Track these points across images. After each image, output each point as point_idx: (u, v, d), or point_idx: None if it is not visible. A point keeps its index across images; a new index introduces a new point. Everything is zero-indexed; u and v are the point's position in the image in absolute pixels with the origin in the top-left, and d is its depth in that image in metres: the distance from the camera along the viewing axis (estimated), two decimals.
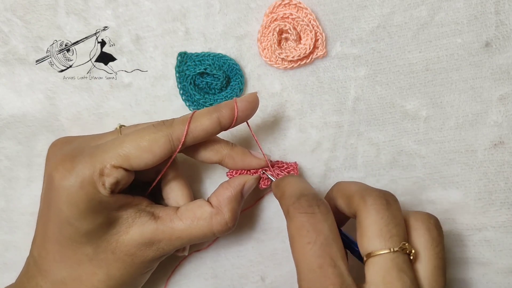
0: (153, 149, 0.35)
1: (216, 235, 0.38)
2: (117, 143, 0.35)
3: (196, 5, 0.45)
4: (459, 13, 0.43)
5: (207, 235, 0.38)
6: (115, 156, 0.34)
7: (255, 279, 0.45)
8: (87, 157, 0.34)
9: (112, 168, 0.34)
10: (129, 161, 0.35)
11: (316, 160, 0.45)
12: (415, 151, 0.44)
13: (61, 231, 0.35)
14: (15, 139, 0.45)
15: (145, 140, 0.35)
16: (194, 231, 0.37)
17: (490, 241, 0.43)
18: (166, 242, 0.37)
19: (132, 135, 0.35)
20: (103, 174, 0.34)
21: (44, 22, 0.45)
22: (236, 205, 0.39)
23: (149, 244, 0.37)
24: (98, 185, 0.34)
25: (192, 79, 0.44)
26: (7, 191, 0.46)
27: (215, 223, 0.37)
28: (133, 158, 0.35)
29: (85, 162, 0.34)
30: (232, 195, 0.39)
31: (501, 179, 0.43)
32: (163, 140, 0.35)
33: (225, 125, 0.37)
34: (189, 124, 0.36)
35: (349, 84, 0.45)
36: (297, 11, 0.44)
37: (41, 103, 0.45)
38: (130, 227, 0.36)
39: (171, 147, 0.36)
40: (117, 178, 0.35)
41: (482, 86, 0.44)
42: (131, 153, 0.35)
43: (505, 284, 0.43)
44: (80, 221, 0.34)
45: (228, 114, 0.37)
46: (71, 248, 0.36)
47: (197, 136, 0.37)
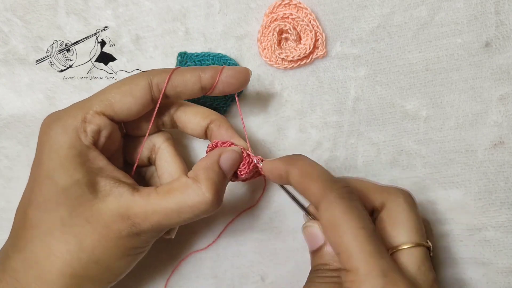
0: (134, 92, 0.36)
1: (196, 211, 0.35)
2: (100, 92, 0.36)
3: (196, 5, 0.45)
4: (459, 13, 0.43)
5: (183, 208, 0.35)
6: (97, 102, 0.35)
7: (255, 279, 0.45)
8: (71, 108, 0.36)
9: (95, 114, 0.35)
10: (111, 107, 0.35)
11: (316, 160, 0.44)
12: (415, 151, 0.44)
13: (41, 189, 0.34)
14: (15, 139, 0.45)
15: (124, 84, 0.36)
16: (169, 204, 0.34)
17: (490, 241, 0.43)
18: (141, 216, 0.34)
19: (114, 83, 0.37)
20: (85, 120, 0.35)
21: (44, 22, 0.45)
22: (214, 175, 0.36)
23: (125, 217, 0.34)
24: (80, 132, 0.34)
25: None
26: (7, 191, 0.46)
27: (192, 194, 0.34)
28: (115, 103, 0.35)
29: (69, 111, 0.36)
30: (208, 165, 0.36)
31: (501, 179, 0.43)
32: (143, 82, 0.36)
33: (206, 84, 0.37)
34: (171, 74, 0.36)
35: (349, 84, 0.45)
36: (297, 11, 0.44)
37: (41, 103, 0.45)
38: (107, 195, 0.35)
39: (151, 92, 0.36)
40: (99, 126, 0.35)
41: (482, 86, 0.44)
42: (112, 97, 0.35)
43: (505, 284, 0.43)
44: (59, 173, 0.34)
45: (210, 75, 0.37)
46: (47, 210, 0.34)
47: (177, 86, 0.37)
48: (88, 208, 0.34)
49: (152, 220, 0.35)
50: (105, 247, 0.34)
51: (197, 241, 0.45)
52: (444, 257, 0.44)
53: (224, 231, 0.45)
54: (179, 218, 0.35)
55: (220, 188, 0.36)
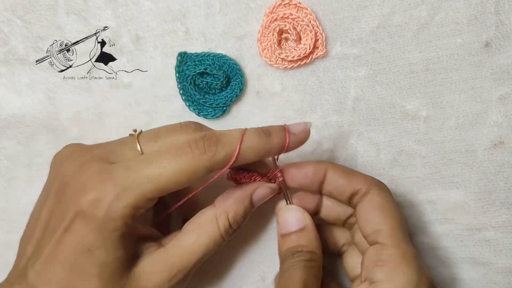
0: (191, 181, 0.32)
1: (225, 238, 0.35)
2: (154, 175, 0.31)
3: (196, 5, 0.45)
4: (459, 13, 0.43)
5: (217, 239, 0.34)
6: (152, 190, 0.31)
7: (255, 279, 0.45)
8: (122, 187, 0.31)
9: (147, 201, 0.32)
10: (165, 192, 0.32)
11: (316, 160, 0.45)
12: (415, 151, 0.44)
13: (78, 258, 0.31)
14: (15, 139, 0.45)
15: (184, 174, 0.31)
16: (203, 240, 0.34)
17: (490, 241, 0.43)
18: (178, 264, 0.33)
19: (170, 164, 0.31)
20: (137, 207, 0.31)
21: (44, 22, 0.45)
22: (242, 208, 0.35)
23: (161, 271, 0.33)
24: (127, 218, 0.31)
25: (192, 79, 0.44)
26: (7, 191, 0.46)
27: (221, 224, 0.34)
28: (169, 189, 0.32)
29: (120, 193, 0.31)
30: (239, 197, 0.36)
31: (501, 179, 0.43)
32: (204, 172, 0.32)
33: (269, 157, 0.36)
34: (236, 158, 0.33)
35: (349, 84, 0.45)
36: (297, 11, 0.44)
37: (41, 103, 0.45)
38: (139, 258, 0.33)
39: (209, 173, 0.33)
40: (147, 208, 0.33)
41: (482, 86, 0.44)
42: (168, 186, 0.32)
43: (505, 284, 0.43)
44: (100, 251, 0.31)
45: (276, 150, 0.35)
46: (80, 278, 0.32)
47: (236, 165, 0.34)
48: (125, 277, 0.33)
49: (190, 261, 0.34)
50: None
51: None
52: (444, 257, 0.44)
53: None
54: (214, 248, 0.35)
55: (244, 219, 0.36)
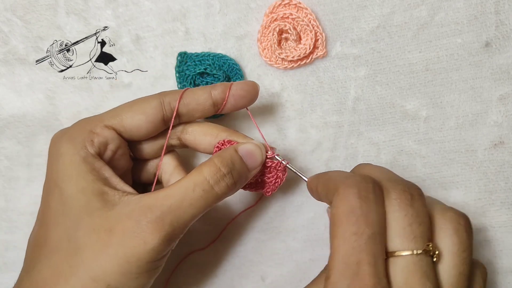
0: (145, 110, 0.36)
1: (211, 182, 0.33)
2: (111, 109, 0.37)
3: (196, 5, 0.45)
4: (459, 13, 0.43)
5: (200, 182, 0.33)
6: (107, 117, 0.35)
7: (255, 279, 0.45)
8: (80, 121, 0.36)
9: (103, 127, 0.35)
10: (121, 122, 0.35)
11: (316, 160, 0.45)
12: (415, 151, 0.44)
13: (49, 204, 0.33)
14: (15, 139, 0.45)
15: (136, 103, 0.36)
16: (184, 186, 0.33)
17: (490, 241, 0.43)
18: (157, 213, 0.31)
19: (127, 102, 0.37)
20: (93, 132, 0.35)
21: (44, 22, 0.45)
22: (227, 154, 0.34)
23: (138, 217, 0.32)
24: (86, 142, 0.34)
25: (192, 79, 0.44)
26: (7, 191, 0.46)
27: (205, 168, 0.33)
28: (125, 119, 0.35)
29: (77, 124, 0.36)
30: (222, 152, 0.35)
31: (501, 179, 0.43)
32: (155, 101, 0.36)
33: (217, 99, 0.37)
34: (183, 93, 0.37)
35: (349, 84, 0.45)
36: (297, 11, 0.44)
37: (41, 103, 0.45)
38: (116, 204, 0.32)
39: (163, 111, 0.36)
40: (106, 138, 0.35)
41: (482, 86, 0.44)
42: (123, 113, 0.35)
43: (505, 284, 0.43)
44: (64, 181, 0.33)
45: (220, 90, 0.37)
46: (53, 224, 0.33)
47: (189, 103, 0.37)
48: (95, 216, 0.32)
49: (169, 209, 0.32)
50: (109, 259, 0.31)
51: (197, 241, 0.45)
52: None
53: (224, 230, 0.45)
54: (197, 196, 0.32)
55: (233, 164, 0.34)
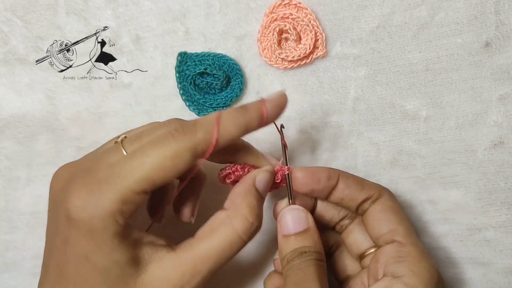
0: (178, 166, 0.31)
1: (244, 238, 0.33)
2: (138, 165, 0.31)
3: (196, 5, 0.45)
4: (459, 13, 0.43)
5: (234, 241, 0.33)
6: (137, 180, 0.30)
7: (255, 279, 0.45)
8: (105, 185, 0.30)
9: (135, 194, 0.30)
10: (152, 183, 0.31)
11: (316, 160, 0.45)
12: (415, 151, 0.44)
13: (78, 269, 0.31)
14: (15, 139, 0.45)
15: (168, 158, 0.31)
16: (219, 244, 0.32)
17: (490, 241, 0.43)
18: (191, 271, 0.32)
19: (152, 152, 0.31)
20: (125, 202, 0.30)
21: (44, 22, 0.45)
22: (252, 199, 0.34)
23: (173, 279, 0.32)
24: (117, 216, 0.30)
25: (192, 79, 0.44)
26: (7, 191, 0.46)
27: (237, 223, 0.33)
28: (157, 179, 0.31)
29: (104, 191, 0.30)
30: (244, 190, 0.35)
31: (501, 179, 0.43)
32: (188, 155, 0.31)
33: (252, 130, 0.34)
34: (217, 135, 0.32)
35: (349, 84, 0.45)
36: (297, 11, 0.44)
37: (41, 103, 0.45)
38: (148, 264, 0.32)
39: (196, 158, 0.32)
40: (138, 205, 0.31)
41: (482, 86, 0.44)
42: (154, 174, 0.31)
43: (505, 284, 0.43)
44: (97, 256, 0.30)
45: (256, 119, 0.34)
46: None
47: (223, 144, 0.33)
48: (132, 284, 0.31)
49: (204, 269, 0.32)
50: None
51: None
52: (444, 257, 0.44)
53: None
54: (233, 253, 0.33)
55: (260, 210, 0.35)
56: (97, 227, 0.30)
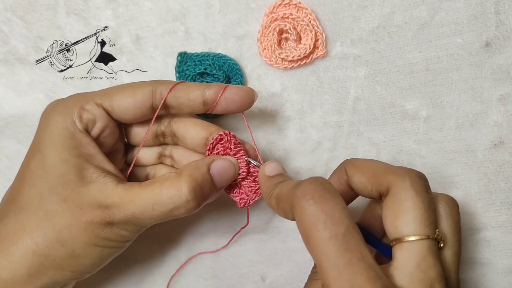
0: (135, 94, 0.36)
1: (169, 205, 0.34)
2: (104, 89, 0.38)
3: (196, 5, 0.45)
4: (459, 13, 0.43)
5: (158, 200, 0.34)
6: (98, 95, 0.37)
7: (255, 279, 0.45)
8: (73, 96, 0.37)
9: (93, 104, 0.36)
10: (110, 102, 0.36)
11: (316, 160, 0.45)
12: (415, 151, 0.44)
13: (29, 164, 0.35)
14: (15, 139, 0.45)
15: (129, 86, 0.37)
16: (146, 194, 0.34)
17: (490, 241, 0.43)
18: (117, 205, 0.34)
19: (120, 84, 0.38)
20: (83, 108, 0.36)
21: (44, 22, 0.45)
22: (198, 175, 0.35)
23: (102, 205, 0.34)
24: (75, 117, 0.35)
25: (192, 79, 0.44)
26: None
27: (169, 185, 0.34)
28: (115, 100, 0.36)
29: (70, 98, 0.37)
30: (198, 165, 0.35)
31: (501, 179, 0.43)
32: (146, 88, 0.37)
33: (208, 99, 0.37)
34: (175, 85, 0.37)
35: (349, 84, 0.45)
36: (297, 11, 0.44)
37: (41, 103, 0.45)
38: (91, 182, 0.35)
39: (152, 99, 0.37)
40: (95, 115, 0.36)
41: (482, 86, 0.44)
42: (113, 94, 0.36)
43: (505, 284, 0.43)
44: (49, 149, 0.35)
45: (214, 90, 0.37)
46: (29, 184, 0.35)
47: (179, 96, 0.37)
48: (69, 188, 0.34)
49: (126, 211, 0.34)
50: (75, 229, 0.33)
51: (201, 242, 0.45)
52: None
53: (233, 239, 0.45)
54: (152, 211, 0.34)
55: (201, 189, 0.34)
56: (57, 125, 0.35)
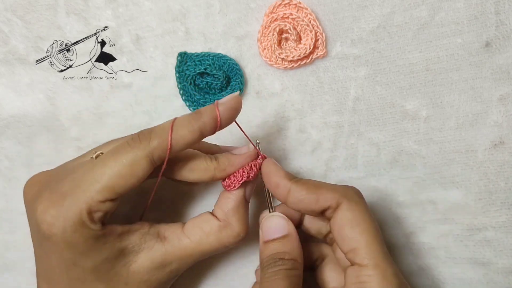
0: (136, 173, 0.33)
1: (229, 247, 0.38)
2: (98, 176, 0.33)
3: (196, 5, 0.45)
4: (459, 13, 0.43)
5: (218, 249, 0.37)
6: (98, 191, 0.32)
7: (255, 279, 0.45)
8: (69, 199, 0.33)
9: (98, 203, 0.33)
10: (113, 192, 0.33)
11: (316, 160, 0.45)
12: (415, 151, 0.44)
13: (68, 273, 0.34)
14: (15, 139, 0.45)
15: (125, 167, 0.33)
16: (204, 248, 0.37)
17: (490, 241, 0.43)
18: (177, 262, 0.36)
19: (110, 162, 0.33)
20: (91, 212, 0.32)
21: (44, 22, 0.45)
22: (243, 212, 0.38)
23: (161, 267, 0.36)
24: (88, 224, 0.32)
25: (192, 79, 0.44)
26: (7, 191, 0.46)
27: (225, 236, 0.37)
28: (117, 188, 0.33)
29: (69, 205, 0.32)
30: (236, 204, 0.37)
31: (501, 179, 0.43)
32: (144, 162, 0.33)
33: (207, 134, 0.35)
34: (171, 142, 0.34)
35: (349, 84, 0.45)
36: (297, 11, 0.44)
37: (41, 103, 0.45)
38: (138, 254, 0.35)
39: (153, 165, 0.34)
40: (105, 211, 0.33)
41: (482, 86, 0.44)
42: (114, 183, 0.33)
43: (505, 284, 0.43)
44: (84, 260, 0.33)
45: (210, 123, 0.35)
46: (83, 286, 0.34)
47: (179, 150, 0.34)
48: (124, 273, 0.35)
49: (188, 261, 0.37)
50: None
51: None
52: (444, 257, 0.44)
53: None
54: (212, 254, 0.38)
55: (247, 219, 0.38)
56: (73, 239, 0.32)
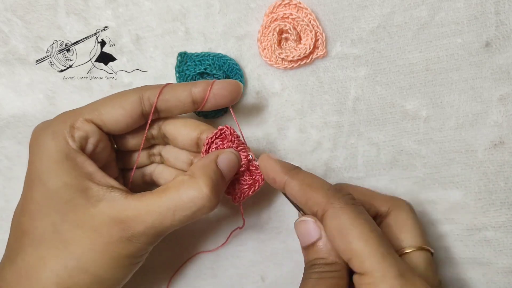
0: (124, 104, 0.36)
1: (192, 207, 0.33)
2: (91, 103, 0.37)
3: (196, 5, 0.45)
4: (459, 13, 0.43)
5: (179, 205, 0.33)
6: (87, 111, 0.36)
7: (255, 279, 0.45)
8: (61, 115, 0.37)
9: (83, 121, 0.36)
10: (100, 116, 0.36)
11: (316, 160, 0.45)
12: (415, 151, 0.44)
13: (32, 195, 0.34)
14: (15, 139, 0.45)
15: (116, 97, 0.37)
16: (163, 202, 0.33)
17: (490, 241, 0.43)
18: (134, 218, 0.33)
19: (107, 96, 0.37)
20: (73, 126, 0.35)
21: (44, 22, 0.45)
22: (211, 173, 0.35)
23: (117, 220, 0.33)
24: (68, 137, 0.35)
25: (192, 79, 0.44)
26: (7, 191, 0.46)
27: (187, 188, 0.33)
28: (104, 113, 0.36)
29: (58, 119, 0.36)
30: (206, 163, 0.35)
31: (501, 179, 0.43)
32: (134, 96, 0.36)
33: (197, 98, 0.37)
34: (162, 88, 0.37)
35: (349, 84, 0.45)
36: (297, 11, 0.44)
37: (41, 103, 0.45)
38: (100, 200, 0.34)
39: (141, 106, 0.36)
40: (87, 132, 0.35)
41: (482, 86, 0.44)
42: (102, 108, 0.36)
43: (505, 284, 0.43)
44: (48, 175, 0.34)
45: (201, 88, 0.37)
46: (39, 216, 0.34)
47: (168, 100, 0.37)
48: (80, 213, 0.33)
49: (146, 222, 0.33)
50: (94, 254, 0.33)
51: (200, 242, 0.45)
52: (444, 257, 0.44)
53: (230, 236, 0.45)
54: (174, 217, 0.33)
55: (217, 186, 0.35)
56: (50, 148, 0.34)
